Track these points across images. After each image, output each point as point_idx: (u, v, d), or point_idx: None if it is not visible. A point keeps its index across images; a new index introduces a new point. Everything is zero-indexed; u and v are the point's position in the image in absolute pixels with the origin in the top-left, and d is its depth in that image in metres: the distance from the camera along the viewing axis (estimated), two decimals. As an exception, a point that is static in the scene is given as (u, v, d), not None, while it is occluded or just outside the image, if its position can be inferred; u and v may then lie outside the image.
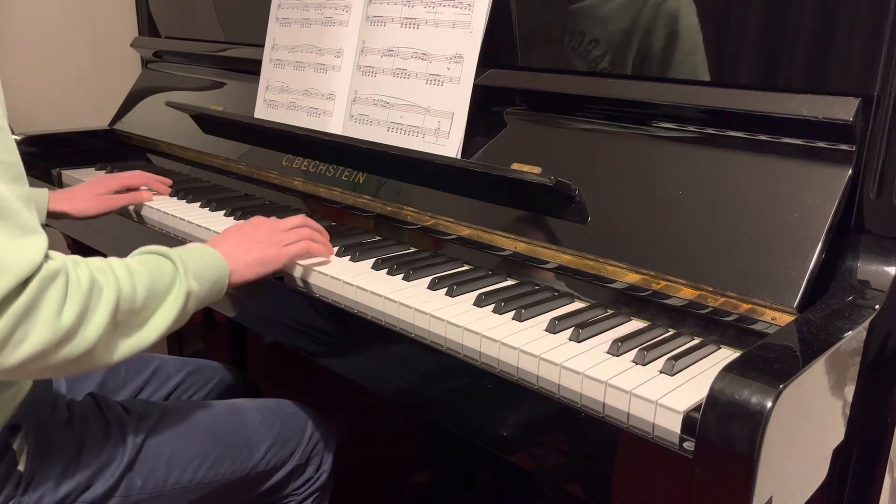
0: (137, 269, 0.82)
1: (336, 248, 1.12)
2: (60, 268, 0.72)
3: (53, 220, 1.37)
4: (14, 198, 0.70)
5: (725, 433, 0.63)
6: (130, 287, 0.79)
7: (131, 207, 1.40)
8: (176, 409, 1.05)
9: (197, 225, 1.27)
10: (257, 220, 1.06)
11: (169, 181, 1.46)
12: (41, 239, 0.71)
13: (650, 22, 0.97)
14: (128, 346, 0.80)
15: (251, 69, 1.49)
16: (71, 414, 0.95)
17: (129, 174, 1.43)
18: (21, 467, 0.88)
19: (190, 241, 1.26)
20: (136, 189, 1.42)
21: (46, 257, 0.72)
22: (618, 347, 0.81)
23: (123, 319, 0.79)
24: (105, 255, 1.73)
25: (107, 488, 0.92)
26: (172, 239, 1.29)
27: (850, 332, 0.74)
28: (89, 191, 1.35)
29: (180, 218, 1.30)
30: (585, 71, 1.04)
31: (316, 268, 1.05)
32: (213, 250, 0.95)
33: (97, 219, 1.36)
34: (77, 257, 0.77)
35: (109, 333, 0.77)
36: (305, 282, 1.06)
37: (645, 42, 0.98)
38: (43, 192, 1.30)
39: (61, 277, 0.72)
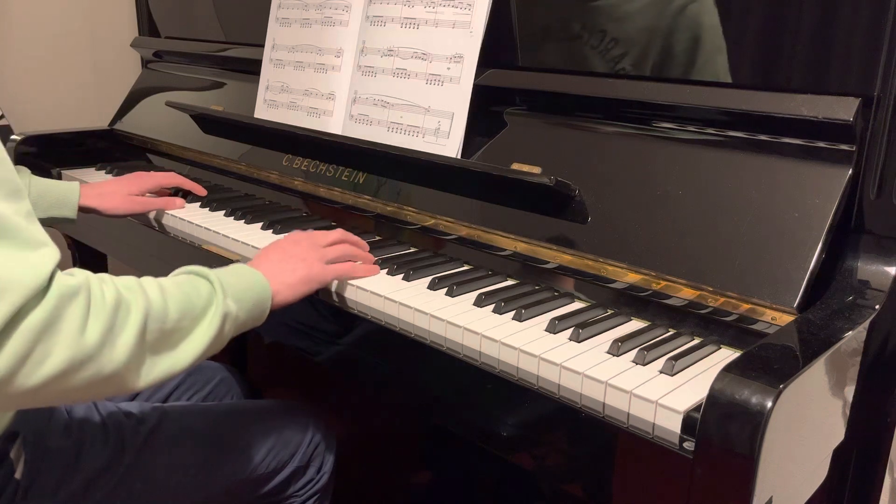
0: (171, 288, 0.78)
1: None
2: (81, 284, 0.68)
3: (57, 222, 1.37)
4: (13, 214, 0.66)
5: (725, 433, 0.63)
6: (161, 306, 0.75)
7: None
8: (174, 412, 1.05)
9: (197, 225, 1.27)
10: (297, 236, 1.01)
11: (203, 191, 1.44)
12: (49, 251, 0.67)
13: (651, 22, 0.97)
14: (160, 368, 0.75)
15: (251, 69, 1.49)
16: (69, 420, 0.94)
17: (162, 175, 1.40)
18: (18, 475, 0.87)
19: (189, 241, 1.26)
20: (168, 192, 1.42)
21: (59, 272, 0.68)
22: (618, 347, 0.81)
23: (153, 339, 0.74)
24: (105, 257, 1.73)
25: (105, 494, 0.92)
26: (173, 239, 1.29)
27: (850, 332, 0.74)
28: (122, 189, 1.32)
29: (180, 218, 1.30)
30: (585, 71, 1.04)
31: (316, 268, 1.05)
32: (255, 272, 0.90)
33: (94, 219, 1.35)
34: (104, 275, 0.73)
35: (138, 354, 0.72)
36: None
37: (645, 42, 0.98)
38: (74, 186, 1.28)
39: (83, 294, 0.68)
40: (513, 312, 0.91)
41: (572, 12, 1.04)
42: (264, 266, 0.93)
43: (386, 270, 1.04)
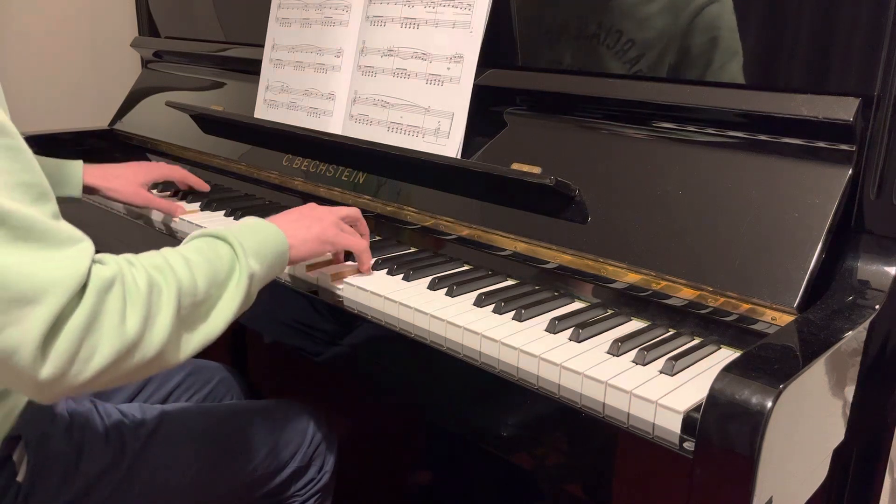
0: (195, 258, 0.79)
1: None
2: (115, 274, 0.69)
3: (62, 202, 1.35)
4: (43, 216, 0.67)
5: (725, 433, 0.63)
6: (190, 280, 0.76)
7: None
8: (175, 413, 1.05)
9: (197, 225, 1.27)
10: (313, 204, 1.04)
11: (207, 186, 1.43)
12: (85, 246, 0.68)
13: (651, 22, 0.97)
14: (196, 340, 0.77)
15: (251, 69, 1.49)
16: (70, 422, 0.94)
17: (168, 168, 1.39)
18: (20, 478, 0.87)
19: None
20: (173, 186, 1.42)
21: (97, 263, 0.69)
22: (618, 347, 0.81)
23: (187, 314, 0.76)
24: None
25: (106, 495, 0.92)
26: (173, 239, 1.29)
27: (850, 332, 0.74)
28: (128, 175, 1.31)
29: (180, 218, 1.30)
30: (585, 71, 1.04)
31: (316, 268, 1.05)
32: (270, 225, 0.91)
33: (85, 213, 1.34)
34: (131, 256, 0.74)
35: (176, 332, 0.74)
36: (305, 282, 1.06)
37: (645, 42, 0.98)
38: (77, 163, 1.27)
39: (118, 284, 0.69)
40: (513, 312, 0.91)
41: (572, 12, 1.04)
42: (280, 221, 0.95)
43: (386, 270, 1.04)
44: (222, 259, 0.81)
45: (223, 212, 1.33)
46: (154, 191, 1.39)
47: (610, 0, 1.01)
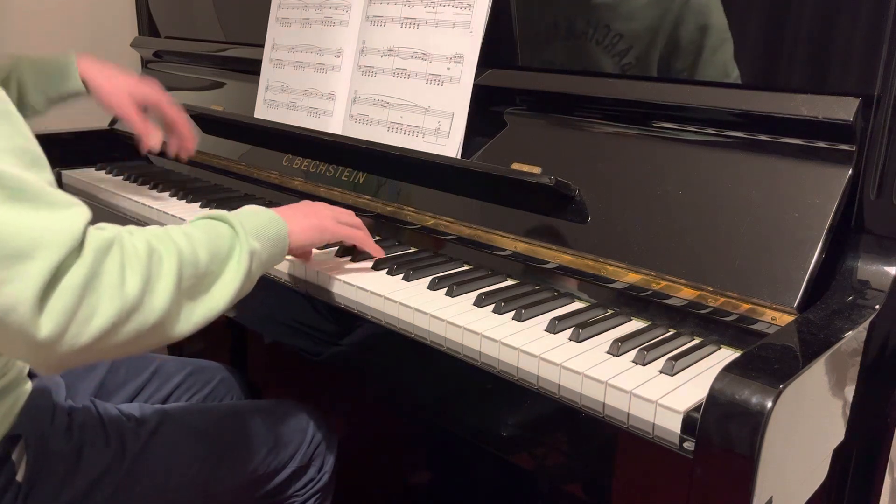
0: (195, 233, 0.79)
1: (336, 248, 1.12)
2: (114, 237, 0.69)
3: (68, 98, 1.30)
4: (37, 179, 0.67)
5: (725, 433, 0.63)
6: (191, 251, 0.76)
7: (129, 206, 1.39)
8: (175, 413, 1.05)
9: (197, 225, 1.27)
10: (309, 201, 1.05)
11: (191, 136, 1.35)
12: (81, 210, 0.68)
13: (651, 22, 0.97)
14: (199, 313, 0.77)
15: (251, 69, 1.49)
16: (70, 422, 0.94)
17: (160, 95, 1.31)
18: (20, 478, 0.87)
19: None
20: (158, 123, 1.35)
21: (95, 227, 0.69)
22: (618, 347, 0.81)
23: (189, 285, 0.76)
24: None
25: (106, 495, 0.92)
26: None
27: (850, 332, 0.74)
28: (121, 83, 1.27)
29: (181, 218, 1.30)
30: (586, 71, 1.04)
31: (316, 268, 1.05)
32: (269, 210, 0.92)
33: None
34: (132, 227, 0.75)
35: (177, 300, 0.74)
36: (305, 282, 1.06)
37: (645, 42, 0.98)
38: (67, 55, 1.25)
39: (116, 247, 0.69)
40: (513, 312, 0.91)
41: (572, 12, 1.04)
42: (279, 210, 0.95)
43: (386, 270, 1.04)
44: (223, 237, 0.82)
45: (223, 212, 1.33)
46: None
47: (610, 0, 1.01)
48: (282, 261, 0.93)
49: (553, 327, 0.87)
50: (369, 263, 1.06)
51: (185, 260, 0.75)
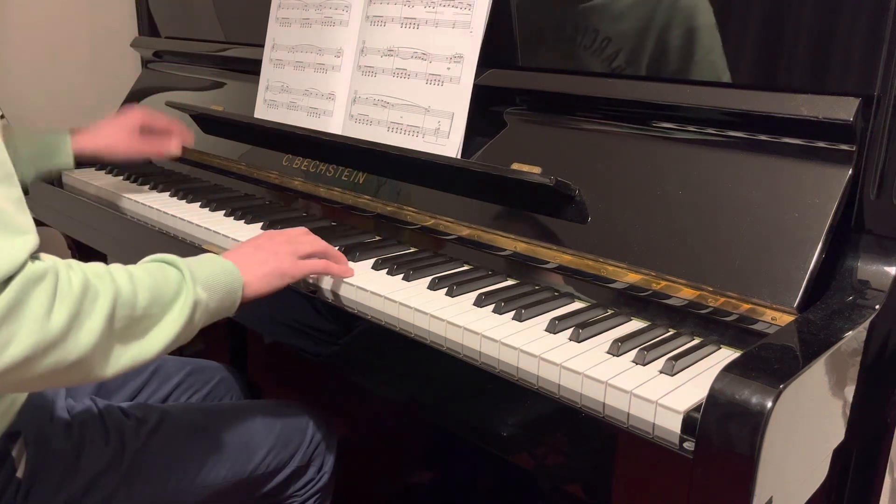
0: (140, 274, 0.77)
1: (336, 248, 1.12)
2: (48, 269, 0.67)
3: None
4: (2, 199, 0.66)
5: (725, 433, 0.63)
6: (130, 292, 0.74)
7: (129, 206, 1.39)
8: (175, 412, 1.05)
9: (197, 225, 1.27)
10: (271, 233, 1.01)
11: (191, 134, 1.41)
12: (29, 239, 0.67)
13: (650, 22, 0.97)
14: (127, 357, 0.75)
15: (251, 69, 1.49)
16: (70, 420, 0.94)
17: (151, 114, 1.37)
18: (20, 474, 0.87)
19: (189, 241, 1.26)
20: (157, 136, 1.40)
21: (35, 259, 0.68)
22: (618, 347, 0.81)
23: (122, 326, 0.73)
24: (105, 257, 1.74)
25: (106, 493, 0.92)
26: (172, 239, 1.29)
27: (850, 332, 0.74)
28: (118, 132, 1.30)
29: (180, 218, 1.30)
30: (585, 71, 1.04)
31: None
32: (224, 260, 0.90)
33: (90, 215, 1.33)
34: (72, 261, 0.73)
35: (106, 341, 0.71)
36: (305, 282, 1.06)
37: (646, 42, 0.98)
38: (62, 131, 1.26)
39: (49, 278, 0.67)
40: (513, 312, 0.91)
41: (572, 12, 1.04)
42: (235, 257, 0.93)
43: (386, 270, 1.04)
44: (169, 281, 0.80)
45: (223, 212, 1.33)
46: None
47: (611, 0, 1.01)
48: (234, 312, 0.89)
49: (553, 327, 0.87)
50: (369, 263, 1.06)
51: (122, 301, 0.73)
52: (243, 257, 0.93)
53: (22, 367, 0.65)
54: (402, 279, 1.01)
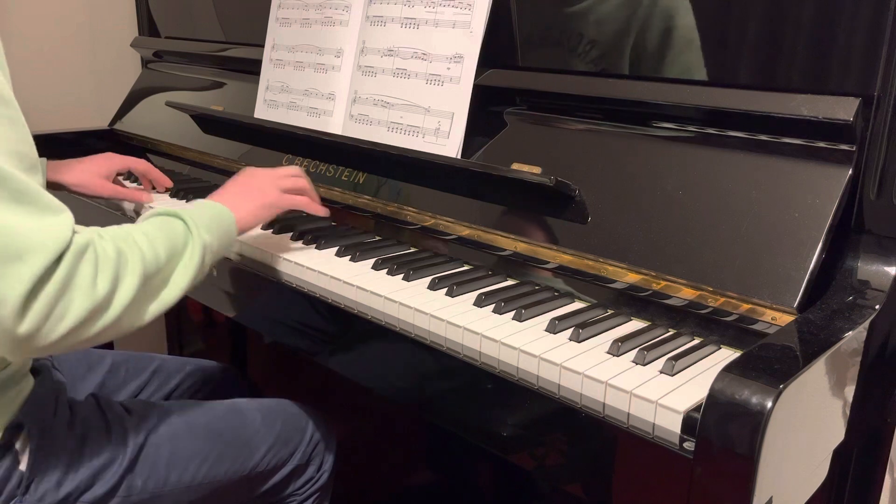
0: (154, 232, 0.85)
1: (336, 248, 1.12)
2: (89, 241, 0.75)
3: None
4: (35, 183, 0.73)
5: (725, 433, 0.63)
6: (152, 250, 0.82)
7: (130, 206, 1.40)
8: (176, 408, 1.05)
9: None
10: (252, 169, 1.11)
11: (169, 182, 1.46)
12: (68, 216, 0.75)
13: (650, 22, 0.97)
14: (154, 307, 0.83)
15: (251, 69, 1.49)
16: (72, 414, 0.95)
17: (132, 159, 1.41)
18: (23, 467, 0.88)
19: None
20: (136, 179, 1.44)
21: (74, 232, 0.74)
22: (618, 347, 0.81)
23: (150, 281, 0.82)
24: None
25: (108, 488, 0.93)
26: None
27: (850, 332, 0.74)
28: (91, 168, 1.32)
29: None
30: (585, 71, 1.04)
31: (316, 268, 1.05)
32: (217, 204, 0.99)
33: (88, 213, 1.35)
34: (99, 229, 0.80)
35: (140, 296, 0.80)
36: (306, 281, 1.06)
37: (645, 42, 0.98)
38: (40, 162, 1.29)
39: (91, 250, 0.75)
40: (513, 312, 0.91)
41: (572, 12, 1.04)
42: (224, 198, 1.02)
43: (386, 270, 1.04)
44: (178, 233, 0.88)
45: (223, 212, 1.33)
46: (129, 181, 1.41)
47: (611, 0, 1.01)
48: (233, 248, 1.00)
49: (553, 327, 0.87)
50: (369, 263, 1.06)
51: (148, 260, 0.82)
52: (231, 197, 1.03)
53: (77, 331, 0.74)
54: (402, 279, 1.01)
